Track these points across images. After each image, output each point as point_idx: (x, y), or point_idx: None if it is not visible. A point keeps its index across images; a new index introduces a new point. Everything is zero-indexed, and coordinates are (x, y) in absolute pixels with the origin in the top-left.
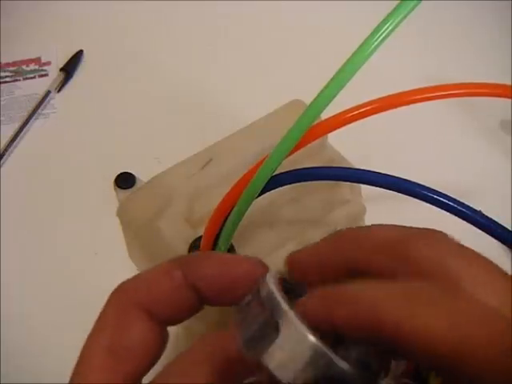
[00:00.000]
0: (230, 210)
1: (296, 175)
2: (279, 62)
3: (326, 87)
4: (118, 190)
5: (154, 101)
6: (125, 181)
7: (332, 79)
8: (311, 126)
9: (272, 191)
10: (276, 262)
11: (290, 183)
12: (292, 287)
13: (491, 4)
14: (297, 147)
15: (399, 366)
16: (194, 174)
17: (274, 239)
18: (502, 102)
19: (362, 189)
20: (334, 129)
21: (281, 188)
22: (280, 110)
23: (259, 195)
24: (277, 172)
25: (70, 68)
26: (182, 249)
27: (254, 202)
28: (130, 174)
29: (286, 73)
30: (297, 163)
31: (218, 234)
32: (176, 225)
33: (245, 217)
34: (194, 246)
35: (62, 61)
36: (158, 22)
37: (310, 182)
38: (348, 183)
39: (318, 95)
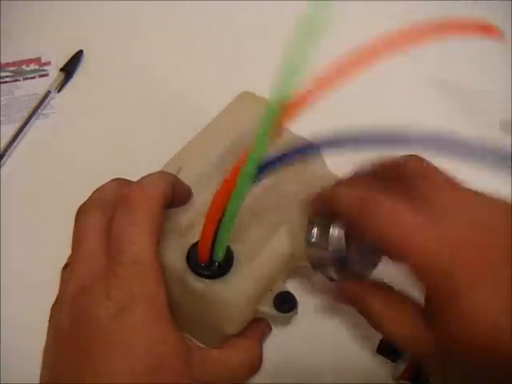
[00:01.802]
0: (220, 214)
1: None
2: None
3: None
4: None
5: (155, 101)
6: None
7: (284, 72)
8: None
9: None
10: (271, 253)
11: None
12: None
13: (491, 4)
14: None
15: (399, 366)
16: None
17: (264, 230)
18: (501, 102)
19: (335, 163)
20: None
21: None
22: (232, 104)
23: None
24: None
25: (70, 68)
26: (180, 261)
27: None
28: None
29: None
30: None
31: (214, 238)
32: (167, 240)
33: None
34: (191, 253)
35: (62, 61)
36: (158, 23)
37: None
38: (316, 161)
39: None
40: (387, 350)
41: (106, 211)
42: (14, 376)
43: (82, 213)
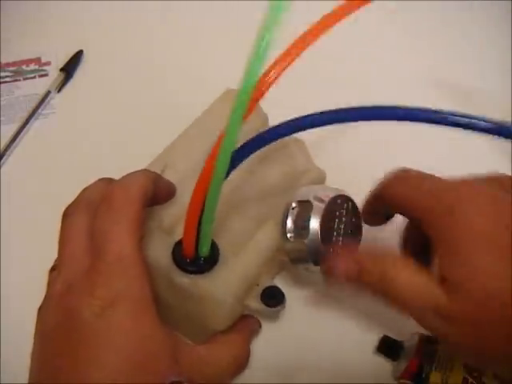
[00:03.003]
0: (202, 206)
1: (259, 140)
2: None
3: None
4: None
5: (155, 101)
6: None
7: (251, 60)
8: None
9: (232, 179)
10: (257, 247)
11: (252, 152)
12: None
13: (491, 4)
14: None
15: (400, 365)
16: None
17: (251, 224)
18: (501, 102)
19: (323, 158)
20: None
21: (239, 174)
22: (216, 102)
23: (227, 175)
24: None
25: (70, 68)
26: (165, 257)
27: (220, 195)
28: None
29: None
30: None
31: (197, 233)
32: (152, 237)
33: (217, 212)
34: (176, 250)
35: (62, 61)
36: (158, 22)
37: (266, 162)
38: (301, 155)
39: (247, 69)
40: (387, 348)
41: (90, 212)
42: (14, 376)
43: (67, 214)
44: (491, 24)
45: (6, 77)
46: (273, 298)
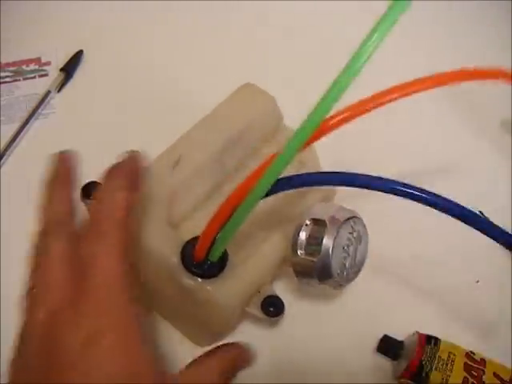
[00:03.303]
0: (228, 218)
1: (303, 179)
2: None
3: (327, 94)
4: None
5: (154, 101)
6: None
7: (331, 87)
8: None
9: None
10: (264, 257)
11: (294, 188)
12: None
13: (491, 4)
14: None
15: (400, 364)
16: (167, 175)
17: (259, 233)
18: (501, 102)
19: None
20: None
21: None
22: (234, 95)
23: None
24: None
25: (70, 68)
26: (173, 255)
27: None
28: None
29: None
30: (256, 149)
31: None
32: (160, 231)
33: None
34: (186, 249)
35: (62, 61)
36: (158, 22)
37: None
38: (313, 167)
39: (320, 101)
40: (387, 348)
41: (66, 234)
42: None
43: (42, 240)
44: (491, 24)
45: (6, 77)
46: (272, 307)
